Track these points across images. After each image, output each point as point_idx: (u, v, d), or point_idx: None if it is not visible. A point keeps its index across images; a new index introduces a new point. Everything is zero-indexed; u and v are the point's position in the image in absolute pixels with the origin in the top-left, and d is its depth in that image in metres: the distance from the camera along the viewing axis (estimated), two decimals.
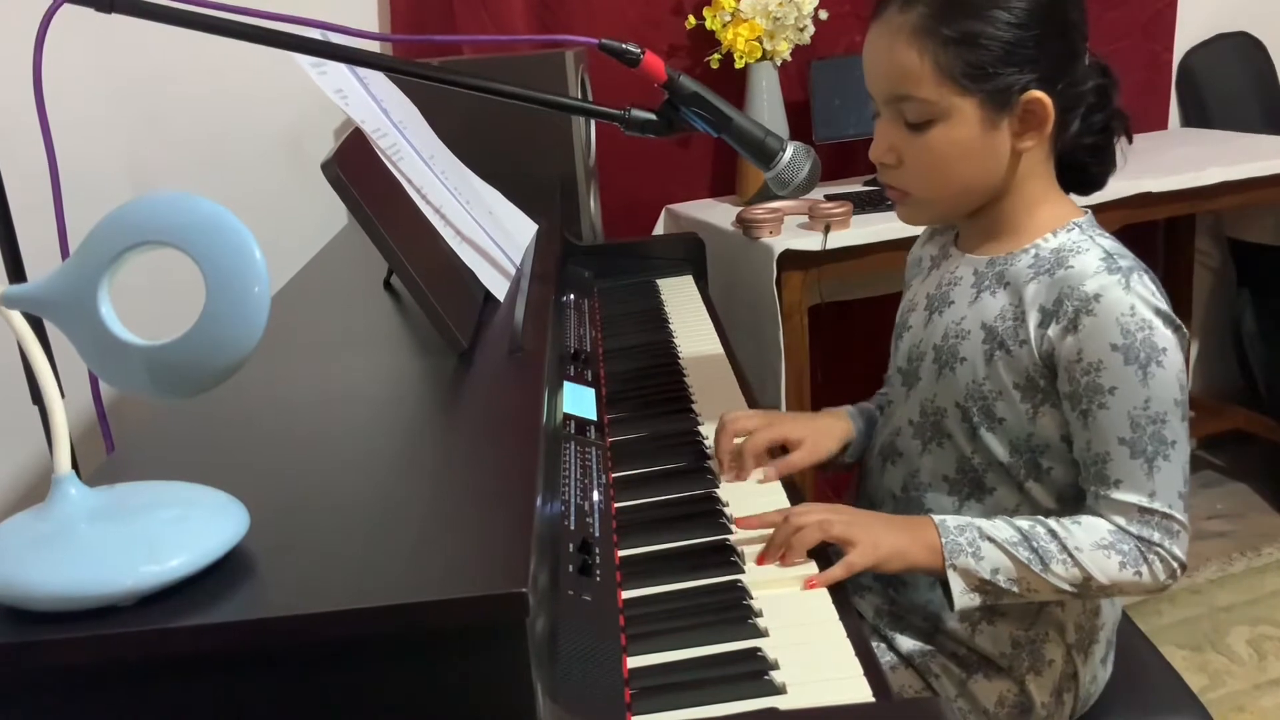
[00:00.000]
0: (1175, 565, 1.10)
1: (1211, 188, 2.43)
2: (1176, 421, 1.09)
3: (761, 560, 1.09)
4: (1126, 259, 1.12)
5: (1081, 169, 1.20)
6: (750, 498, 1.21)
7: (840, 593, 1.04)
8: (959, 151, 1.13)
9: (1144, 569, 1.09)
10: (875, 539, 1.10)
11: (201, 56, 2.11)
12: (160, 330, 0.76)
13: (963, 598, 1.10)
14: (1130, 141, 1.21)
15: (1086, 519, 1.11)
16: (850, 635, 0.96)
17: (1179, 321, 1.10)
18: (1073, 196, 1.22)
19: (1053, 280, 1.12)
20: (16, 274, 1.28)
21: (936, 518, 1.13)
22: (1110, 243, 1.14)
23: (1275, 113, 3.02)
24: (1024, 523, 1.12)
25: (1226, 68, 2.99)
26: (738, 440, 1.28)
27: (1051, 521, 1.11)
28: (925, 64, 1.10)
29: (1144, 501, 1.09)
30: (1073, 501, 1.16)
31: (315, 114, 2.26)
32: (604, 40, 1.18)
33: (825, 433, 1.34)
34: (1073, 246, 1.14)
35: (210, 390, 0.74)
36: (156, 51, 2.10)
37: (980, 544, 1.10)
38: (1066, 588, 1.10)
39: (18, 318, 0.74)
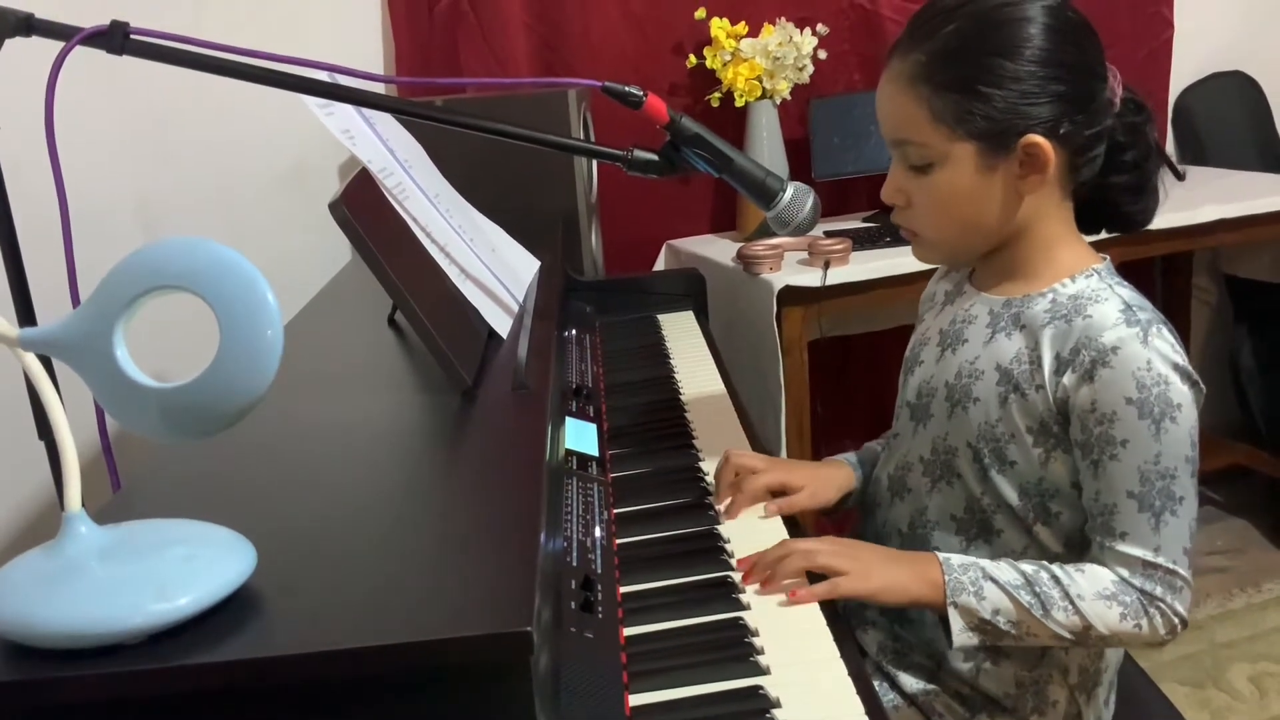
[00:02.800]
0: (1176, 621, 1.10)
1: (1208, 225, 2.46)
2: (1186, 478, 1.09)
3: (746, 580, 1.10)
4: (1146, 311, 1.12)
5: (1115, 208, 1.20)
6: (751, 534, 1.21)
7: (842, 631, 1.04)
8: (959, 194, 1.14)
9: (1144, 622, 1.10)
10: (867, 570, 1.11)
11: (207, 96, 2.14)
12: (159, 367, 0.77)
13: (961, 636, 1.11)
14: (1181, 177, 1.22)
15: (1090, 567, 1.11)
16: (852, 674, 0.97)
17: (1196, 377, 1.10)
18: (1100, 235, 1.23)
19: (1070, 327, 1.12)
20: (25, 310, 1.29)
21: (941, 554, 1.13)
22: (1129, 293, 1.14)
23: (1270, 150, 3.05)
24: (1028, 566, 1.12)
25: (1222, 106, 3.02)
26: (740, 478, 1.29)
27: (1055, 567, 1.12)
28: (921, 110, 1.12)
29: (1149, 556, 1.09)
30: (1080, 547, 1.16)
31: (319, 152, 2.29)
32: (607, 83, 1.20)
33: (827, 482, 1.35)
34: (1091, 295, 1.14)
35: (222, 432, 0.75)
36: (163, 91, 2.12)
37: (983, 584, 1.11)
38: (1065, 635, 1.10)
39: (31, 359, 0.75)
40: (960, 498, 1.21)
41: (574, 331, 1.74)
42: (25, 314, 1.29)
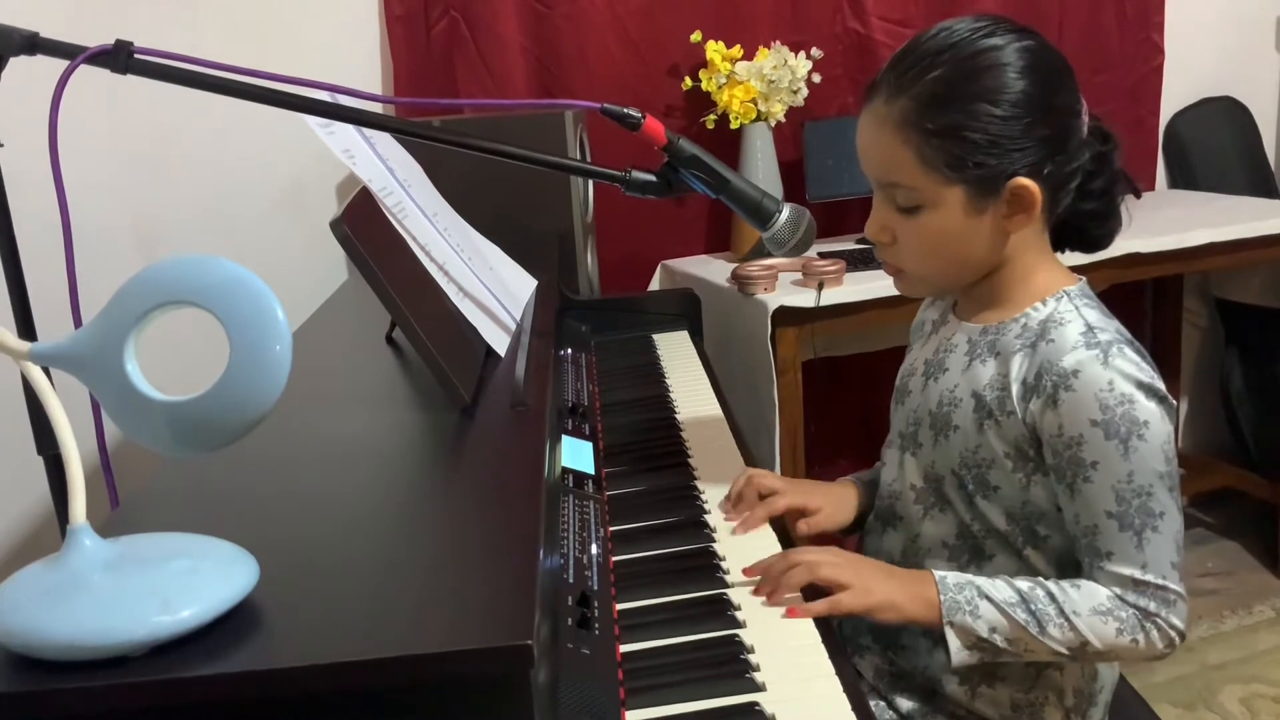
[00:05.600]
0: (1173, 634, 1.11)
1: (1198, 248, 2.48)
2: (1163, 493, 1.10)
3: (756, 591, 1.12)
4: (1107, 332, 1.13)
5: (1083, 231, 1.21)
6: (747, 551, 1.22)
7: (837, 649, 1.05)
8: (948, 236, 1.15)
9: (1141, 637, 1.10)
10: (868, 585, 1.12)
11: (205, 115, 2.16)
12: (163, 381, 0.78)
13: (959, 654, 1.11)
14: (1139, 197, 1.23)
15: (1087, 583, 1.12)
16: (847, 691, 0.97)
17: (1164, 393, 1.11)
18: (1074, 256, 1.24)
19: (1035, 353, 1.13)
20: (26, 326, 1.30)
21: (937, 574, 1.14)
22: (1094, 314, 1.15)
23: (1259, 175, 3.08)
24: (1024, 584, 1.13)
25: (1212, 131, 3.05)
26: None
27: (1051, 584, 1.12)
28: (910, 155, 1.12)
29: (1137, 574, 1.10)
30: (1072, 569, 1.17)
31: (317, 172, 2.30)
32: (606, 105, 1.21)
33: (843, 503, 1.37)
34: (1058, 318, 1.15)
35: (229, 445, 0.76)
36: (161, 109, 2.14)
37: (978, 603, 1.11)
38: (1062, 650, 1.11)
39: (38, 373, 0.76)
40: (952, 524, 1.22)
41: (570, 350, 1.75)
42: (26, 329, 1.30)
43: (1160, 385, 1.11)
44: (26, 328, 1.30)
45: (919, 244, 1.17)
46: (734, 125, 2.48)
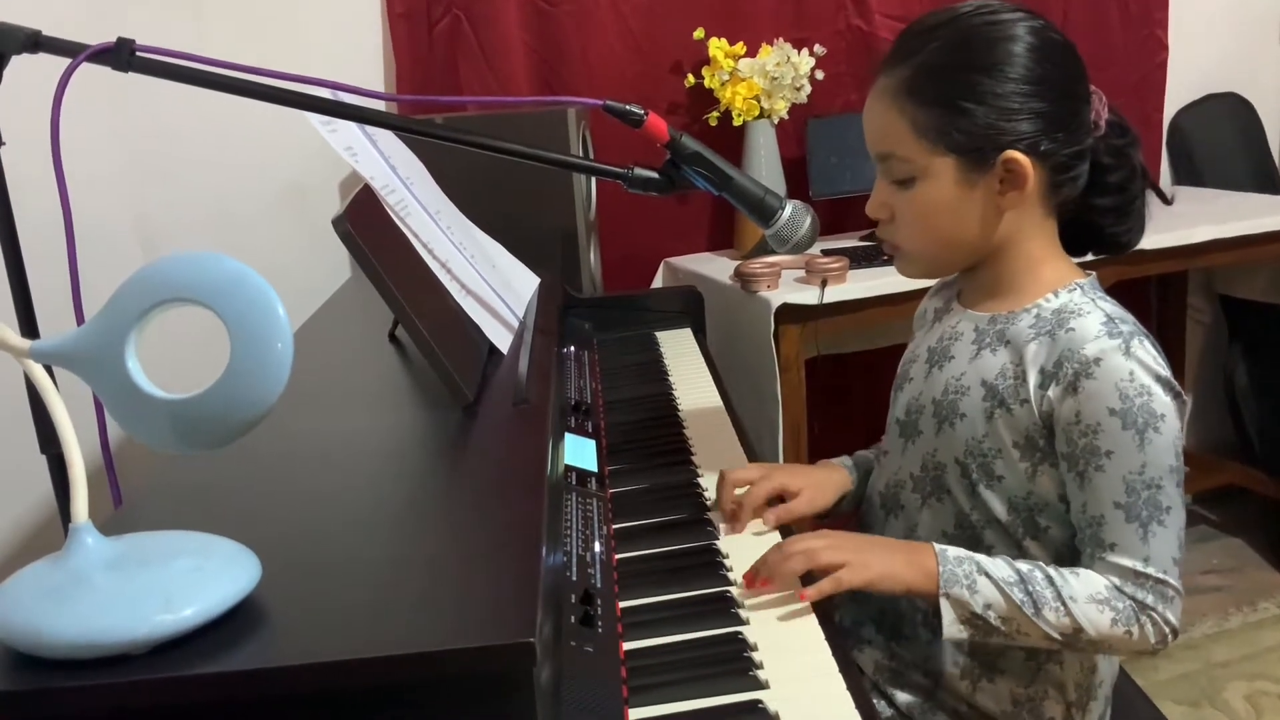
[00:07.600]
0: (1167, 630, 1.11)
1: (1202, 245, 2.47)
2: (1172, 487, 1.10)
3: (749, 583, 1.12)
4: (1128, 323, 1.13)
5: (1099, 229, 1.21)
6: (750, 549, 1.22)
7: (840, 645, 1.05)
8: (940, 208, 1.16)
9: (1135, 629, 1.10)
10: (866, 559, 1.12)
11: (207, 113, 2.15)
12: (168, 379, 0.78)
13: (951, 628, 1.11)
14: (1168, 202, 1.23)
15: (1085, 572, 1.12)
16: (850, 688, 0.97)
17: (1179, 388, 1.11)
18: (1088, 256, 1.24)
19: (1054, 341, 1.13)
20: (28, 324, 1.30)
21: (938, 545, 1.14)
22: (1111, 306, 1.16)
23: (1263, 171, 3.07)
24: (1024, 565, 1.13)
25: (1216, 127, 3.04)
26: (738, 492, 1.30)
27: (1050, 568, 1.12)
28: (904, 125, 1.14)
29: (1139, 566, 1.10)
30: (1070, 561, 1.17)
31: (319, 170, 2.30)
32: (608, 102, 1.21)
33: (823, 485, 1.36)
34: (1074, 308, 1.15)
35: (231, 443, 0.76)
36: (163, 108, 2.14)
37: (977, 578, 1.11)
38: (1056, 635, 1.11)
39: (40, 371, 0.75)
40: (950, 513, 1.22)
41: (572, 348, 1.75)
42: (28, 326, 1.30)
43: (1174, 381, 1.11)
44: (29, 325, 1.30)
45: (914, 218, 1.18)
46: (737, 122, 2.48)
